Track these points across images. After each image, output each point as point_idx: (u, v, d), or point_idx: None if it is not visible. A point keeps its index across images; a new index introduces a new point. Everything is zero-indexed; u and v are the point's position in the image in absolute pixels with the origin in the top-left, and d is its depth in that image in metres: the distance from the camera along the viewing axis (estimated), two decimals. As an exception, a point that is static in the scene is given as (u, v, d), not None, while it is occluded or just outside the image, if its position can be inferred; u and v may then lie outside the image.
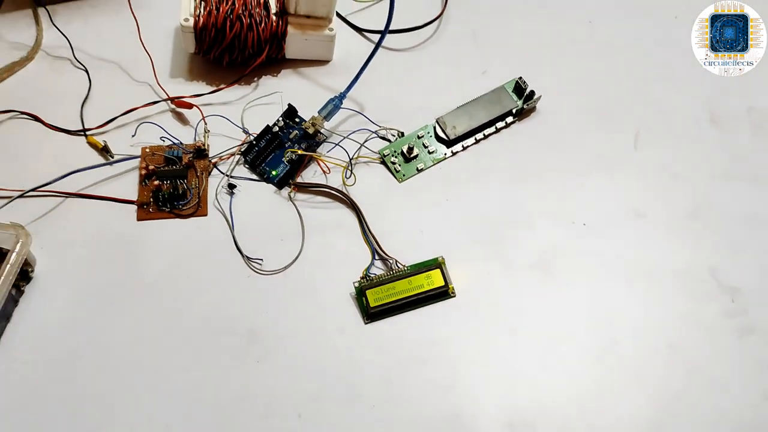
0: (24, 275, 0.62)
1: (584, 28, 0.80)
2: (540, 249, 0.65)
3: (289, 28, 0.73)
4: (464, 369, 0.59)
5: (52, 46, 0.79)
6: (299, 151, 0.68)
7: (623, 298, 0.62)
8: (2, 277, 0.59)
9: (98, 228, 0.66)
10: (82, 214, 0.67)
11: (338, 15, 0.79)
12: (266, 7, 0.73)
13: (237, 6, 0.71)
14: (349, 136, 0.70)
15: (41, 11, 0.81)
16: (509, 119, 0.72)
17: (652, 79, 0.76)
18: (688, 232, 0.66)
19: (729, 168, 0.69)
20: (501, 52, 0.78)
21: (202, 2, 0.72)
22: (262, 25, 0.72)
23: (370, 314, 0.61)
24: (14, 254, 0.60)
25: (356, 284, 0.62)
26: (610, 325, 0.61)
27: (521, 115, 0.73)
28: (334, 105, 0.70)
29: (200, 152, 0.69)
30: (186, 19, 0.71)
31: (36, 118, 0.73)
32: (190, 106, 0.72)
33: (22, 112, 0.73)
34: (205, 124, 0.71)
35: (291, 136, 0.70)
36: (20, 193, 0.66)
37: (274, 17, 0.73)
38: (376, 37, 0.79)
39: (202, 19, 0.71)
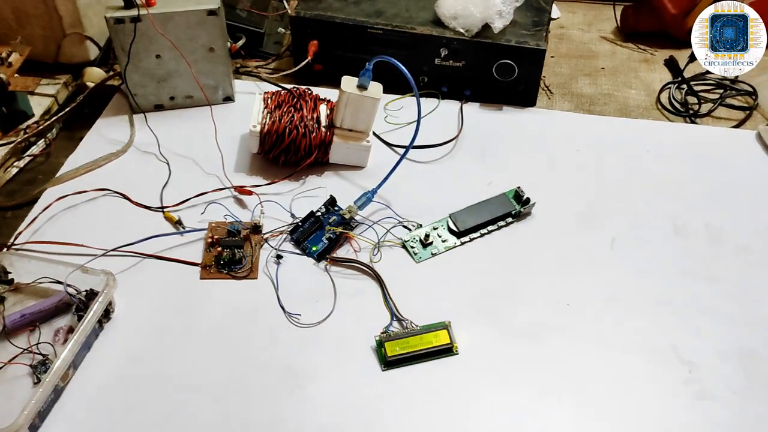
0: (106, 314, 0.76)
1: (572, 155, 0.98)
2: (531, 322, 0.78)
3: (335, 138, 0.91)
4: (461, 414, 0.70)
5: (142, 143, 0.98)
6: (338, 230, 0.84)
7: (599, 363, 0.74)
8: (92, 311, 0.73)
9: (168, 283, 0.81)
10: (156, 271, 0.82)
11: (373, 133, 0.98)
12: (318, 120, 0.92)
13: (296, 119, 0.90)
14: (378, 223, 0.86)
15: (136, 117, 1.01)
16: (509, 219, 0.88)
17: (627, 197, 0.92)
18: (654, 316, 0.78)
19: (688, 269, 0.83)
20: (504, 168, 0.95)
21: (269, 114, 0.91)
22: (314, 134, 0.91)
23: (387, 362, 0.73)
24: (103, 294, 0.74)
25: (377, 337, 0.75)
26: (586, 386, 0.72)
27: (519, 217, 0.89)
28: (367, 198, 0.86)
29: (256, 228, 0.85)
30: (254, 126, 0.90)
31: (124, 196, 0.90)
32: (250, 193, 0.89)
33: (114, 191, 0.90)
34: (262, 207, 0.87)
35: (330, 220, 0.86)
36: (104, 251, 0.82)
37: (323, 129, 0.91)
38: (402, 151, 0.97)
39: (267, 127, 0.90)
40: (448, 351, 0.75)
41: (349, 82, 0.89)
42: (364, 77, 0.88)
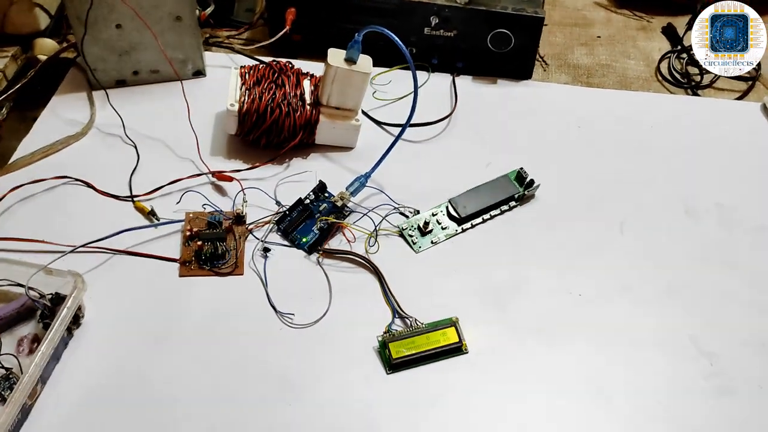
0: (75, 320, 0.68)
1: (574, 131, 0.92)
2: (541, 314, 0.72)
3: (321, 117, 0.83)
4: (475, 417, 0.64)
5: (104, 124, 0.88)
6: (331, 219, 0.76)
7: (613, 360, 0.69)
8: (60, 319, 0.64)
9: (143, 282, 0.73)
10: (129, 269, 0.74)
11: (361, 110, 0.90)
12: (302, 98, 0.83)
13: (278, 96, 0.82)
14: (373, 210, 0.79)
15: (95, 94, 0.91)
16: (512, 203, 0.82)
17: (634, 176, 0.87)
18: (669, 305, 0.74)
19: (703, 253, 0.79)
20: (502, 147, 0.88)
21: (247, 91, 0.82)
22: (298, 113, 0.82)
23: (392, 365, 0.67)
24: (71, 299, 0.66)
25: (380, 338, 0.68)
26: (603, 382, 0.67)
27: (522, 200, 0.83)
28: (360, 183, 0.79)
29: (239, 219, 0.77)
30: (232, 105, 0.82)
31: (88, 185, 0.81)
32: (230, 179, 0.81)
33: (76, 179, 0.81)
34: (244, 194, 0.79)
35: (321, 208, 0.79)
36: (73, 247, 0.73)
37: (308, 107, 0.83)
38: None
39: (246, 105, 0.81)
40: (456, 350, 0.69)
41: (336, 55, 0.81)
42: (353, 50, 0.80)
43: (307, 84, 0.85)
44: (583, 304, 0.74)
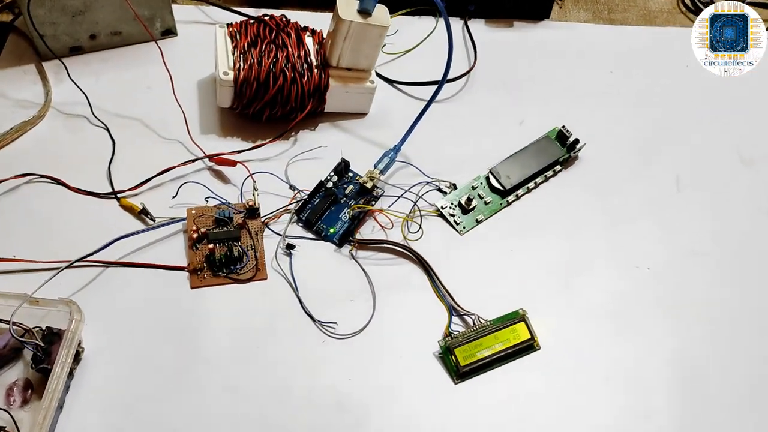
0: (75, 357, 0.55)
1: (605, 77, 0.82)
2: (610, 296, 0.64)
3: (331, 81, 0.71)
4: (563, 422, 0.57)
5: (63, 103, 0.73)
6: (365, 206, 0.65)
7: (699, 340, 0.62)
8: (61, 364, 0.53)
9: (148, 298, 0.61)
10: (127, 284, 0.61)
11: (371, 68, 0.78)
12: (307, 59, 0.70)
13: (280, 59, 0.69)
14: (408, 190, 0.68)
15: (47, 66, 0.75)
16: (557, 168, 0.72)
17: (680, 124, 0.78)
18: (743, 269, 0.67)
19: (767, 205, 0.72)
20: (533, 102, 0.78)
21: (242, 55, 0.69)
22: (305, 78, 0.70)
23: (461, 373, 0.58)
24: (68, 334, 0.54)
25: (442, 343, 0.59)
26: (692, 370, 0.60)
27: (566, 163, 0.73)
28: (390, 158, 0.68)
29: (252, 211, 0.65)
30: (225, 72, 0.68)
31: (58, 182, 0.67)
32: (233, 163, 0.68)
33: (42, 176, 0.67)
34: (254, 181, 0.67)
35: (347, 191, 0.68)
36: (64, 264, 0.60)
37: (316, 70, 0.70)
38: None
39: (243, 73, 0.68)
40: (529, 348, 0.60)
41: (347, 6, 0.68)
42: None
43: (310, 42, 0.72)
44: (654, 279, 0.66)
